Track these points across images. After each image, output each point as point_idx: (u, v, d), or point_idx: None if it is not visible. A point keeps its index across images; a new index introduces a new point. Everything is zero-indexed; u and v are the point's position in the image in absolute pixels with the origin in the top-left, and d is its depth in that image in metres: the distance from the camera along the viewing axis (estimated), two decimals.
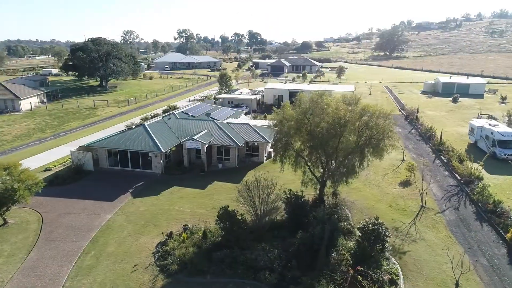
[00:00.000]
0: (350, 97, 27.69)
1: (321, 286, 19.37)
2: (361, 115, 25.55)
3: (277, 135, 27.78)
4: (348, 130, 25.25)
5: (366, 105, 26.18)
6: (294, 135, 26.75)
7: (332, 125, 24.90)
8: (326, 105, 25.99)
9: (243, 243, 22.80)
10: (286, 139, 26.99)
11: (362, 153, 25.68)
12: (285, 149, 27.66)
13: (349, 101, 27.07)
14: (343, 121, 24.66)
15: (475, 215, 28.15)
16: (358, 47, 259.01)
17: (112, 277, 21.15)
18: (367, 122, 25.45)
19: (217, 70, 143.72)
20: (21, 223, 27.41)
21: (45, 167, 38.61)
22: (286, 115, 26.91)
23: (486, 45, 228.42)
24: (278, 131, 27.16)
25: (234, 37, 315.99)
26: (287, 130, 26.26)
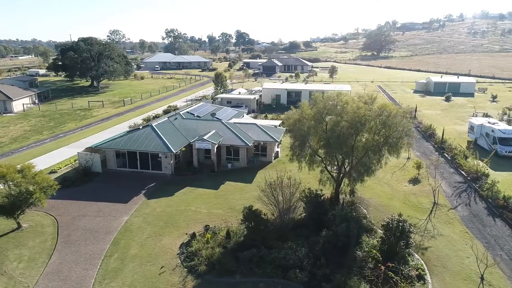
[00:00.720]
0: (367, 96, 28.08)
1: (353, 283, 19.62)
2: (378, 114, 25.91)
3: (295, 134, 27.92)
4: (367, 128, 25.59)
5: (384, 104, 26.58)
6: (312, 134, 26.93)
7: (352, 124, 25.18)
8: (346, 103, 26.29)
9: (268, 242, 22.87)
10: (304, 138, 27.13)
11: (380, 151, 26.05)
12: (303, 148, 27.82)
13: (365, 100, 27.47)
14: (364, 119, 24.99)
15: (487, 211, 28.92)
16: (345, 47, 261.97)
17: (140, 280, 20.93)
18: (384, 120, 25.82)
19: (208, 70, 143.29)
20: (36, 226, 26.83)
21: (50, 169, 37.78)
22: (304, 114, 27.07)
23: (470, 45, 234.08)
24: (297, 130, 27.28)
25: (222, 37, 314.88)
26: (307, 130, 26.42)
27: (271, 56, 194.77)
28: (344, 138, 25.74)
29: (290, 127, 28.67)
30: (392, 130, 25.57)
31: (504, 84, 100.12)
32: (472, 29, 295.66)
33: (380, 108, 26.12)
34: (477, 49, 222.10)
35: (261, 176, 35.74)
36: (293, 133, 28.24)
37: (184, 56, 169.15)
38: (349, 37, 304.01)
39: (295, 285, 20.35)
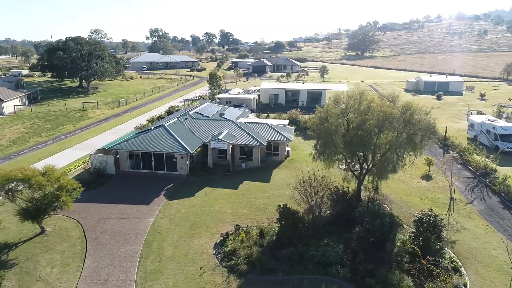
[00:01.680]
0: (388, 95, 28.72)
1: (395, 277, 20.11)
2: (403, 112, 26.54)
3: (320, 133, 28.23)
4: (392, 127, 26.18)
5: (408, 103, 27.25)
6: (338, 132, 27.35)
7: (380, 122, 25.72)
8: (372, 102, 26.84)
9: (304, 240, 23.13)
10: (330, 137, 27.49)
11: (405, 149, 26.68)
12: (328, 146, 28.19)
13: (389, 99, 28.11)
14: (391, 117, 25.57)
15: (502, 205, 30.10)
16: (329, 47, 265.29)
17: (183, 281, 20.81)
18: (409, 119, 26.47)
19: (197, 70, 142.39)
20: (60, 230, 26.19)
21: (60, 172, 36.80)
22: (331, 113, 27.45)
23: (449, 45, 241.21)
24: (323, 129, 27.57)
25: (205, 36, 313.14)
26: (334, 128, 26.81)
27: (257, 56, 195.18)
28: (370, 136, 26.29)
29: (315, 126, 28.92)
30: (416, 128, 26.27)
31: (488, 83, 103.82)
32: (450, 29, 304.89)
33: (404, 106, 26.77)
34: (456, 49, 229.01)
35: (277, 175, 36.10)
36: (318, 132, 28.53)
37: (172, 56, 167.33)
38: (332, 37, 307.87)
39: (338, 281, 20.69)
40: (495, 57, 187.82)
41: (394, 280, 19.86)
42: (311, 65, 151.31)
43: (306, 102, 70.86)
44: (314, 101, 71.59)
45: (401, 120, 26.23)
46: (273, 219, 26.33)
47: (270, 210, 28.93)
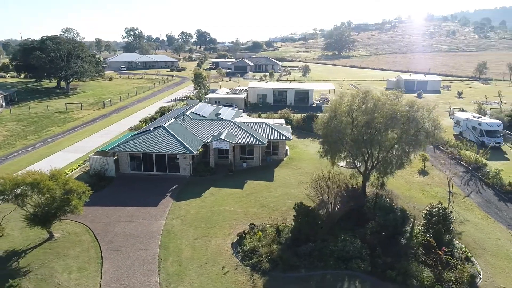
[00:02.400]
0: (392, 94, 29.65)
1: (415, 268, 20.90)
2: (409, 109, 27.48)
3: (328, 131, 28.76)
4: (399, 124, 27.05)
5: (412, 101, 28.25)
6: (345, 130, 27.97)
7: (388, 119, 26.53)
8: (378, 100, 27.62)
9: (321, 236, 23.58)
10: (339, 135, 28.06)
11: (410, 146, 27.64)
12: (336, 144, 28.77)
13: (392, 97, 29.00)
14: (399, 115, 26.45)
15: (497, 197, 31.73)
16: (306, 46, 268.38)
17: (207, 281, 20.78)
18: (414, 116, 27.44)
19: (177, 69, 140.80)
20: (69, 235, 25.47)
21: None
22: (339, 111, 28.03)
23: (421, 45, 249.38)
24: (332, 127, 28.10)
25: (181, 36, 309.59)
26: (344, 126, 27.41)
27: (236, 55, 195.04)
28: (378, 133, 27.07)
29: (323, 124, 29.39)
30: (420, 124, 27.28)
31: (462, 81, 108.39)
32: (420, 30, 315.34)
33: (409, 104, 27.73)
34: (427, 49, 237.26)
35: (279, 174, 36.44)
36: (326, 130, 29.04)
37: (150, 56, 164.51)
38: (308, 37, 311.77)
39: (359, 274, 21.27)
40: (464, 56, 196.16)
41: (414, 272, 20.64)
42: (290, 65, 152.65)
43: (294, 101, 71.61)
44: (301, 100, 72.61)
45: (408, 117, 27.18)
46: (286, 216, 26.65)
47: (280, 208, 29.31)
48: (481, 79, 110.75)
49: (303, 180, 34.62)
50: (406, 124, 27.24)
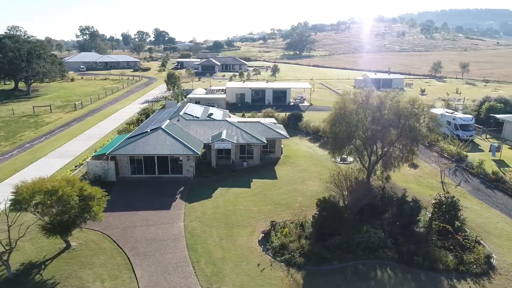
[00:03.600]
0: (393, 92, 31.41)
1: (435, 252, 22.54)
2: (412, 106, 29.32)
3: (337, 129, 29.86)
4: (405, 119, 28.79)
5: (413, 98, 30.15)
6: (356, 127, 29.26)
7: (397, 116, 28.14)
8: (385, 98, 29.18)
9: (345, 229, 24.59)
10: (350, 131, 29.23)
11: (412, 140, 29.51)
12: (345, 141, 29.99)
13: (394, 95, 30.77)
14: (407, 111, 28.16)
15: (483, 185, 34.66)
16: (266, 46, 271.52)
17: (247, 279, 20.98)
18: (416, 112, 29.33)
19: (141, 70, 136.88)
20: (87, 243, 24.42)
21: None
22: (349, 109, 29.24)
23: (375, 45, 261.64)
24: (344, 124, 29.22)
25: (138, 35, 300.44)
26: (355, 123, 28.67)
27: (199, 55, 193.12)
28: (387, 129, 28.63)
29: (331, 122, 30.45)
30: (422, 119, 29.23)
31: (420, 79, 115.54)
32: (373, 31, 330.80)
33: (411, 101, 29.58)
34: (381, 49, 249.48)
35: (281, 172, 37.14)
36: (334, 128, 30.10)
37: (112, 56, 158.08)
38: (268, 37, 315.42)
39: (388, 262, 22.52)
40: (415, 56, 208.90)
41: (438, 256, 22.25)
42: (256, 65, 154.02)
43: (272, 101, 72.67)
44: (278, 99, 73.86)
45: (411, 113, 28.99)
46: (302, 212, 27.41)
47: (292, 205, 30.05)
48: (436, 77, 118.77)
49: (306, 177, 35.87)
50: (409, 120, 29.11)
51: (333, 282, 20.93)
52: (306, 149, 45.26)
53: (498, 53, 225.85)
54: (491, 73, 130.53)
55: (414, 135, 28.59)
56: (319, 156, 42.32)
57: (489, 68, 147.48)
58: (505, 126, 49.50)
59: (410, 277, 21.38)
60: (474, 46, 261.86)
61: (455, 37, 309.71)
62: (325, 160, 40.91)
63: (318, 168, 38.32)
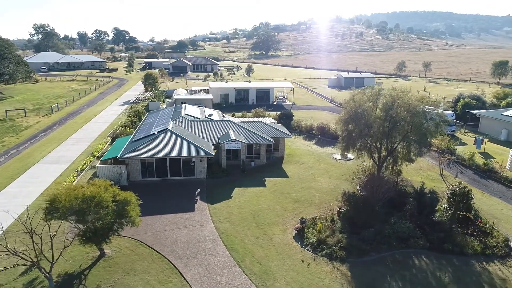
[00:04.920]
0: (399, 89, 33.18)
1: (462, 237, 24.32)
2: (422, 102, 31.17)
3: (352, 126, 31.05)
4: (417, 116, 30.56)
5: (422, 96, 32.06)
6: (372, 124, 30.60)
7: (408, 112, 29.80)
8: (396, 97, 30.79)
9: (373, 221, 25.79)
10: (366, 128, 30.50)
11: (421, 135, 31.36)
12: (359, 138, 31.25)
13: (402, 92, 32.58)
14: (419, 108, 29.91)
15: (477, 175, 37.51)
16: (231, 46, 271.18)
17: (297, 275, 21.44)
18: (425, 109, 31.23)
19: (108, 70, 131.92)
20: (121, 250, 23.68)
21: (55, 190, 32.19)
22: (366, 107, 30.50)
23: (336, 46, 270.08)
24: (361, 122, 30.43)
25: (96, 34, 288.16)
26: (373, 120, 29.96)
27: (165, 55, 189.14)
28: (401, 125, 30.24)
29: (345, 120, 31.58)
30: (429, 116, 31.17)
31: (387, 78, 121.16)
32: (332, 31, 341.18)
33: (421, 99, 31.47)
34: (343, 49, 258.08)
35: (291, 170, 37.85)
36: (349, 125, 31.27)
37: (75, 56, 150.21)
38: (231, 36, 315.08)
39: (421, 250, 23.96)
40: (375, 56, 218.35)
41: (465, 242, 24.02)
42: (225, 64, 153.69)
43: (255, 100, 73.23)
44: (262, 99, 74.56)
45: (422, 110, 30.82)
46: (329, 207, 28.34)
47: (313, 201, 30.90)
48: (401, 76, 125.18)
49: (315, 174, 36.89)
50: (420, 117, 30.93)
51: (377, 271, 21.97)
52: (304, 147, 46.31)
53: (448, 53, 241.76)
54: (448, 72, 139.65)
55: (423, 131, 30.43)
56: (319, 154, 43.51)
57: (444, 67, 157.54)
58: (481, 121, 53.61)
59: (445, 262, 22.93)
60: (427, 47, 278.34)
61: (409, 37, 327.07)
62: (326, 157, 42.22)
63: (323, 165, 39.47)
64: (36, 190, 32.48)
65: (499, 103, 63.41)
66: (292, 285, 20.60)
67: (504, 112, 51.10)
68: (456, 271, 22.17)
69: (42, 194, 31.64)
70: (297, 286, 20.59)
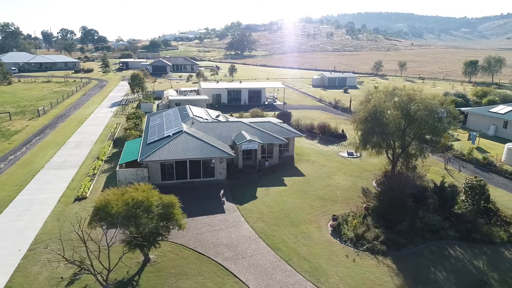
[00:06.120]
0: (411, 90, 34.75)
1: (488, 228, 25.97)
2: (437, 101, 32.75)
3: (370, 125, 32.14)
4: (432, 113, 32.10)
5: (434, 94, 33.70)
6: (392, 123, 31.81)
7: (426, 110, 31.27)
8: (413, 95, 32.24)
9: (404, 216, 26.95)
10: (381, 127, 31.66)
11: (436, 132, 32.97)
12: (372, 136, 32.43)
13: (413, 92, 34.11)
14: (434, 106, 31.46)
15: (478, 169, 39.83)
16: (204, 46, 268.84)
17: (347, 270, 22.12)
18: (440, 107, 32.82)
19: (84, 71, 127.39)
20: (165, 254, 23.39)
21: (73, 196, 31.19)
22: (384, 107, 31.68)
23: (309, 46, 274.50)
24: (382, 121, 31.54)
25: (61, 33, 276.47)
26: (391, 118, 31.16)
27: (139, 55, 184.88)
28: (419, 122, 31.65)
29: (363, 119, 32.62)
30: (441, 113, 32.86)
31: (366, 77, 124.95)
32: (304, 32, 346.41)
33: (434, 96, 33.09)
34: (315, 49, 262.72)
35: (304, 169, 38.57)
36: (367, 124, 32.33)
37: (47, 56, 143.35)
38: (203, 36, 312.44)
39: (452, 241, 25.35)
40: (348, 56, 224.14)
41: (491, 232, 25.66)
42: (204, 65, 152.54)
43: (247, 100, 73.50)
44: (254, 99, 74.93)
45: (437, 108, 32.42)
46: (352, 204, 29.28)
47: (336, 198, 31.81)
48: (378, 75, 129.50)
49: (330, 172, 37.83)
50: (434, 114, 32.52)
51: (420, 263, 23.06)
52: (309, 146, 47.19)
53: (415, 52, 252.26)
54: (420, 71, 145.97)
55: (438, 128, 32.03)
56: (326, 152, 44.54)
57: (415, 67, 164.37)
58: (469, 118, 56.76)
59: (478, 251, 24.40)
60: (395, 47, 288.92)
61: (376, 38, 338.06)
62: (334, 155, 43.34)
63: (334, 164, 40.49)
64: (52, 196, 31.25)
65: (480, 100, 67.33)
66: (346, 280, 21.25)
67: (491, 109, 54.41)
68: (490, 259, 23.67)
69: (60, 201, 30.53)
70: (350, 280, 21.27)
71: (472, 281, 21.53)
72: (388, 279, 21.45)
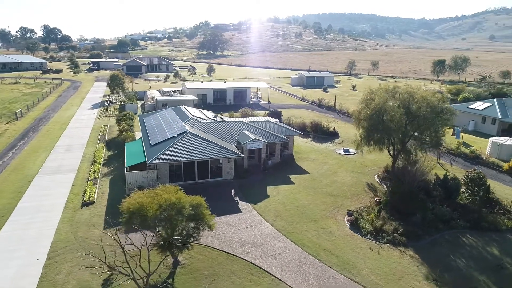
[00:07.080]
0: (410, 88, 36.26)
1: (493, 216, 27.72)
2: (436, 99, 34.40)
3: (374, 124, 33.27)
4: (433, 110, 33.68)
5: (433, 92, 35.37)
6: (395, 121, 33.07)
7: (428, 107, 32.80)
8: (413, 93, 33.70)
9: (416, 209, 28.19)
10: (383, 124, 32.85)
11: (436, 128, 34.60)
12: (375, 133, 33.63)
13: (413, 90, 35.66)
14: (434, 103, 33.04)
15: (468, 162, 42.19)
16: (174, 46, 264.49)
17: (374, 262, 22.88)
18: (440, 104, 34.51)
19: (53, 72, 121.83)
20: (193, 256, 23.12)
21: (79, 201, 30.07)
22: (387, 106, 32.87)
23: (279, 45, 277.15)
24: (387, 119, 32.71)
25: (21, 31, 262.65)
26: (399, 117, 32.39)
27: (109, 55, 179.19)
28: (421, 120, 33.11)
29: (368, 116, 33.70)
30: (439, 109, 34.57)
31: (341, 76, 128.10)
32: (273, 31, 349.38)
33: (433, 94, 34.74)
34: (286, 48, 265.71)
35: (307, 167, 39.25)
36: (370, 122, 33.43)
37: (11, 56, 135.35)
38: (172, 36, 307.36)
39: (462, 230, 26.83)
40: (318, 55, 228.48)
41: (498, 220, 27.41)
42: (178, 64, 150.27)
43: (233, 100, 73.42)
44: (239, 98, 74.92)
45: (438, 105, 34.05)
46: (362, 199, 30.25)
47: (345, 194, 32.74)
48: (352, 74, 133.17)
49: (332, 169, 38.77)
50: (434, 110, 34.16)
51: (440, 252, 24.26)
52: (305, 144, 47.98)
53: (381, 52, 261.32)
54: (390, 70, 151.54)
55: (438, 124, 33.71)
56: (322, 150, 45.51)
57: (385, 66, 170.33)
58: None
59: (488, 239, 26.00)
60: (361, 47, 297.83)
61: (343, 38, 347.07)
62: (331, 152, 44.38)
63: (333, 161, 41.47)
64: (56, 202, 29.97)
65: (455, 98, 71.14)
66: (376, 272, 22.00)
67: (470, 105, 57.67)
68: (500, 245, 25.30)
69: (67, 206, 29.34)
70: (381, 272, 22.05)
71: (489, 267, 22.94)
72: (414, 269, 22.44)
